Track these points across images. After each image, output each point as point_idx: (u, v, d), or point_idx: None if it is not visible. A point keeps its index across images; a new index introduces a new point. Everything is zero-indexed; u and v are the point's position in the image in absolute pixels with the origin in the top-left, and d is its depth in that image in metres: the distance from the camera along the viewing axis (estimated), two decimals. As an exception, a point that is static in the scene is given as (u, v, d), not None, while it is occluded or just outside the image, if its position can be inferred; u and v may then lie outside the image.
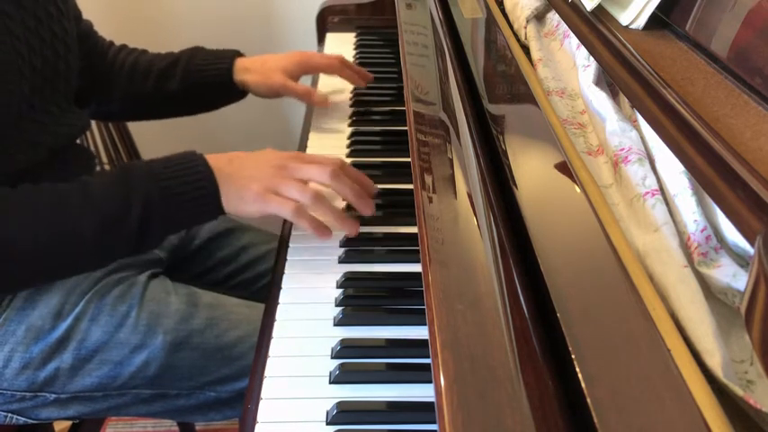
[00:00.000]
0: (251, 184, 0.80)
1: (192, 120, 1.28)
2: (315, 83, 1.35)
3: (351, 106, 1.24)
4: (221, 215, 0.81)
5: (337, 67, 1.20)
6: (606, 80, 0.69)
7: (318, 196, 0.81)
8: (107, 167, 1.70)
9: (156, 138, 1.82)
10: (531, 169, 0.62)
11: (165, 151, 0.92)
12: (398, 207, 0.94)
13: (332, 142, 1.12)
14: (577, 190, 0.53)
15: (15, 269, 0.77)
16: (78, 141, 1.04)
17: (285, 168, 0.82)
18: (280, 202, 0.80)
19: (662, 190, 0.53)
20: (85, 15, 1.12)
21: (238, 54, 1.16)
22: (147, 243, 0.80)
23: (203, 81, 1.13)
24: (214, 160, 0.82)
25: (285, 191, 0.80)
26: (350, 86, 1.30)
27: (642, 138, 0.59)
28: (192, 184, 0.79)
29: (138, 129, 1.68)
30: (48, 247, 0.75)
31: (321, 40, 1.58)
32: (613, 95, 0.67)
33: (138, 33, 1.88)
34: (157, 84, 1.13)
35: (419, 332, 0.72)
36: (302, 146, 1.13)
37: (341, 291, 0.78)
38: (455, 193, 0.67)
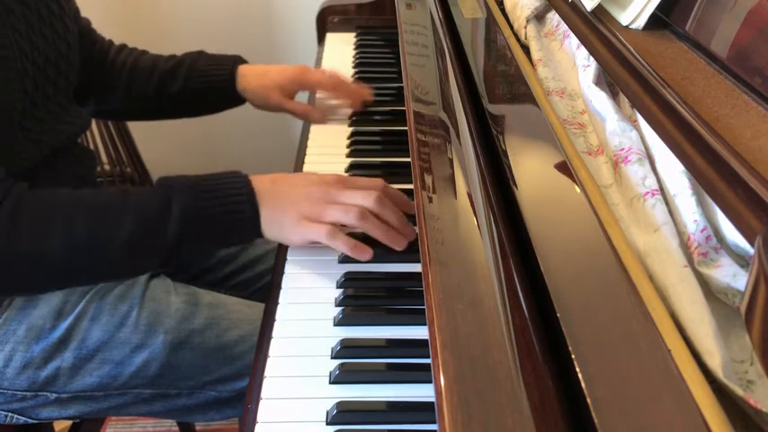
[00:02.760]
0: (291, 211, 0.78)
1: (192, 120, 1.28)
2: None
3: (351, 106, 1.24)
4: (260, 237, 0.79)
5: (330, 86, 1.19)
6: (606, 80, 0.69)
7: (363, 214, 0.78)
8: (107, 167, 1.70)
9: (156, 138, 1.82)
10: (531, 169, 0.62)
11: (165, 151, 0.92)
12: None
13: (332, 142, 1.12)
14: (577, 190, 0.53)
15: (53, 271, 0.75)
16: (79, 141, 1.04)
17: (328, 194, 0.79)
18: (316, 229, 0.78)
19: (662, 190, 0.53)
20: (86, 13, 1.12)
21: (241, 60, 1.16)
22: (181, 260, 0.78)
23: (206, 85, 1.14)
24: (257, 182, 0.79)
25: (326, 216, 0.78)
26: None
27: (642, 138, 0.59)
28: (232, 207, 0.77)
29: (138, 129, 1.68)
30: (81, 250, 0.74)
31: (321, 40, 1.58)
32: (613, 95, 0.67)
33: (139, 34, 1.88)
34: (159, 85, 1.14)
35: (419, 332, 0.72)
36: (302, 145, 1.13)
37: (341, 291, 0.78)
38: (455, 193, 0.67)
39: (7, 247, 0.72)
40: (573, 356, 0.41)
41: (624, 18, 0.67)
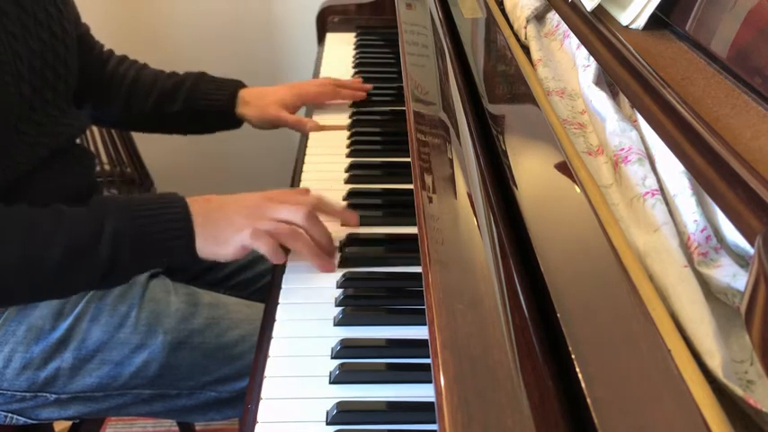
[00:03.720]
0: (225, 229, 0.79)
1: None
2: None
3: (351, 106, 1.24)
4: (194, 256, 0.79)
5: (330, 93, 1.21)
6: (606, 80, 0.69)
7: (294, 233, 0.79)
8: (107, 167, 1.70)
9: (156, 138, 1.82)
10: (531, 169, 0.62)
11: (165, 151, 0.93)
12: (398, 207, 0.94)
13: (332, 142, 1.12)
14: (577, 190, 0.53)
15: None
16: (78, 141, 1.04)
17: (260, 210, 0.80)
18: (242, 232, 0.78)
19: (662, 190, 0.53)
20: (86, 19, 1.11)
21: (241, 85, 1.17)
22: (114, 277, 0.78)
23: (205, 108, 1.15)
24: (192, 203, 0.80)
25: (260, 228, 0.79)
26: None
27: (642, 138, 0.59)
28: (167, 225, 0.77)
29: (138, 129, 1.68)
30: (12, 268, 0.73)
31: (321, 40, 1.58)
32: (613, 95, 0.67)
33: (138, 35, 1.88)
34: (158, 103, 1.14)
35: (419, 332, 0.72)
36: (302, 145, 1.13)
37: (341, 291, 0.78)
38: (455, 193, 0.67)
39: None
40: (573, 356, 0.41)
41: (624, 18, 0.67)
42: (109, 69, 1.14)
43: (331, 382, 0.67)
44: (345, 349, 0.70)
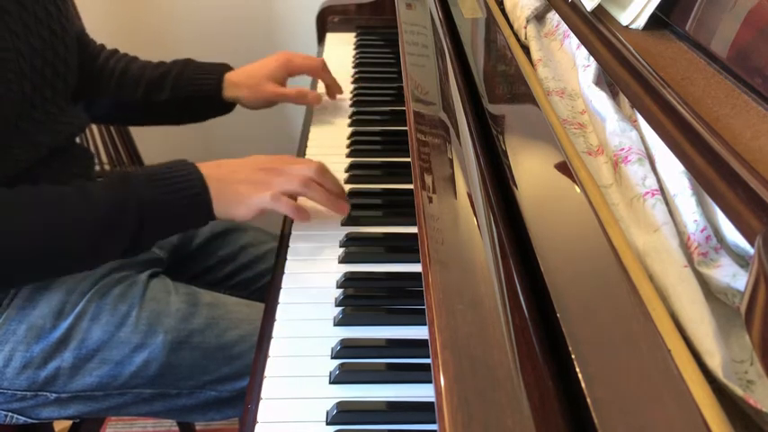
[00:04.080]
0: (238, 187, 0.83)
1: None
2: (314, 85, 1.35)
3: (351, 106, 1.24)
4: (212, 219, 0.84)
5: (317, 69, 1.21)
6: (606, 80, 0.69)
7: (307, 181, 0.84)
8: (107, 167, 1.70)
9: (156, 138, 1.82)
10: (531, 169, 0.62)
11: (165, 151, 0.93)
12: (398, 207, 0.94)
13: (332, 142, 1.12)
14: (577, 190, 0.53)
15: (11, 266, 0.78)
16: (78, 141, 1.04)
17: (272, 168, 0.85)
18: (261, 195, 0.83)
19: (662, 190, 0.53)
20: (86, 18, 1.12)
21: (227, 68, 1.16)
22: (140, 245, 0.82)
23: (192, 95, 1.14)
24: (204, 167, 0.84)
25: (271, 186, 0.83)
26: (350, 86, 1.30)
27: (642, 138, 0.59)
28: (185, 189, 0.81)
29: (137, 129, 1.68)
30: (45, 244, 0.77)
31: (321, 40, 1.58)
32: (613, 95, 0.67)
33: (138, 35, 1.88)
34: (147, 93, 1.14)
35: (419, 332, 0.72)
36: (302, 146, 1.13)
37: (341, 291, 0.78)
38: (455, 193, 0.67)
39: None
40: (573, 356, 0.41)
41: (624, 18, 0.67)
42: (99, 63, 1.14)
43: (331, 382, 0.67)
44: (345, 349, 0.70)
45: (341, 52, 1.48)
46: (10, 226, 0.76)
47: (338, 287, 0.80)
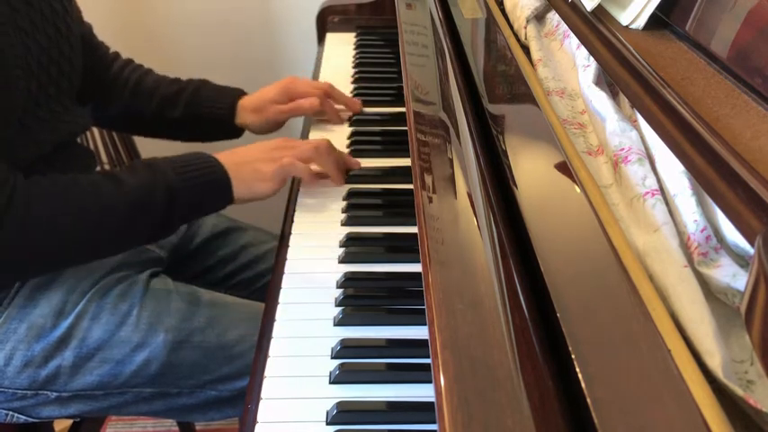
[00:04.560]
0: (256, 164, 0.90)
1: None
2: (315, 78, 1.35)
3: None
4: (231, 202, 0.90)
5: (317, 95, 1.16)
6: (606, 80, 0.69)
7: (318, 149, 0.95)
8: (107, 167, 1.70)
9: (156, 139, 1.81)
10: (531, 169, 0.62)
11: (165, 151, 0.93)
12: (398, 207, 0.94)
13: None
14: (577, 190, 0.53)
15: (52, 251, 0.81)
16: (79, 141, 1.04)
17: (282, 146, 0.94)
18: (275, 166, 0.90)
19: (662, 190, 0.53)
20: (86, 18, 1.11)
21: (241, 93, 1.16)
22: (168, 227, 0.87)
23: (205, 116, 1.14)
24: (219, 155, 0.91)
25: (284, 160, 0.91)
26: (350, 86, 1.30)
27: (642, 138, 0.59)
28: (208, 174, 0.88)
29: (138, 128, 1.68)
30: (81, 229, 0.81)
31: (321, 40, 1.58)
32: (613, 95, 0.67)
33: (137, 36, 1.88)
34: (159, 109, 1.14)
35: (419, 332, 0.72)
36: (302, 145, 1.13)
37: (341, 291, 0.78)
38: (455, 193, 0.67)
39: (22, 234, 0.77)
40: (573, 356, 0.41)
41: (624, 18, 0.67)
42: (113, 71, 1.14)
43: (331, 382, 0.67)
44: (345, 349, 0.70)
45: (341, 52, 1.48)
46: (48, 209, 0.79)
47: (338, 287, 0.80)
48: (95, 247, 0.85)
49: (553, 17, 0.87)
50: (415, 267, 0.81)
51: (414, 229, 0.71)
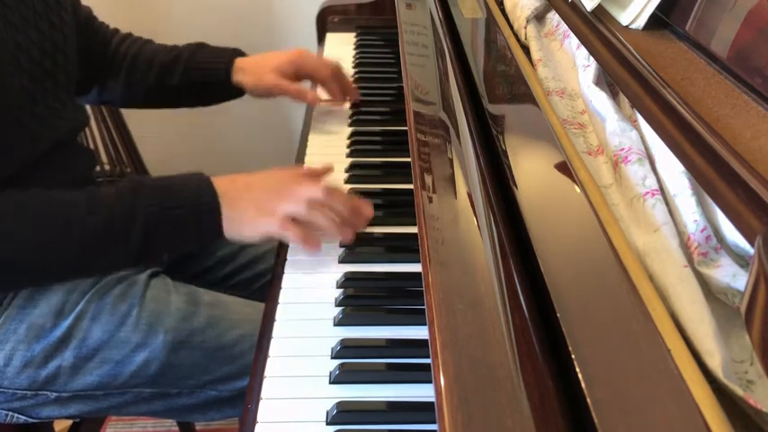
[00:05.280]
0: (249, 209, 0.81)
1: (192, 120, 1.28)
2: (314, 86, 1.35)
3: (351, 107, 1.24)
4: (221, 237, 0.82)
5: (325, 77, 1.18)
6: (606, 80, 0.69)
7: (313, 204, 0.81)
8: (107, 167, 1.70)
9: (156, 138, 1.82)
10: (531, 169, 0.62)
11: (165, 151, 0.93)
12: (398, 207, 0.94)
13: (332, 142, 1.12)
14: (577, 190, 0.53)
15: (16, 267, 0.78)
16: (78, 140, 1.04)
17: (282, 189, 0.83)
18: (269, 221, 0.80)
19: (662, 190, 0.53)
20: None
21: (239, 53, 1.16)
22: (146, 257, 0.81)
23: (202, 79, 1.14)
24: (218, 183, 0.82)
25: (279, 210, 0.81)
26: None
27: (642, 138, 0.59)
28: (195, 206, 0.80)
29: (137, 129, 1.68)
30: (50, 248, 0.76)
31: (321, 40, 1.58)
32: (613, 95, 0.67)
33: (137, 33, 1.88)
34: (158, 77, 1.14)
35: (419, 332, 0.72)
36: (302, 145, 1.13)
37: (341, 291, 0.78)
38: (455, 193, 0.67)
39: None
40: (573, 356, 0.41)
41: (624, 18, 0.67)
42: (112, 47, 1.14)
43: (331, 382, 0.67)
44: (345, 349, 0.70)
45: (341, 52, 1.48)
46: (17, 223, 0.76)
47: (338, 287, 0.80)
48: (58, 271, 0.80)
49: (553, 17, 0.87)
50: (415, 267, 0.81)
51: (414, 229, 0.71)
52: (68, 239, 0.77)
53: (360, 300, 0.77)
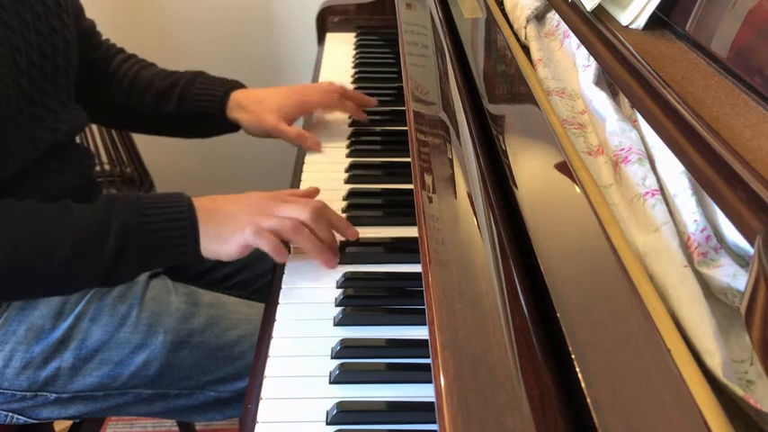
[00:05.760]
0: (228, 226, 0.78)
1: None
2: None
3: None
4: (199, 256, 0.79)
5: (335, 102, 1.13)
6: (606, 80, 0.69)
7: (297, 226, 0.79)
8: (107, 167, 1.70)
9: (156, 138, 1.82)
10: (531, 169, 0.62)
11: (165, 151, 0.93)
12: (398, 207, 0.94)
13: (332, 142, 1.12)
14: (577, 190, 0.53)
15: None
16: (78, 141, 1.04)
17: (264, 207, 0.80)
18: (244, 230, 0.78)
19: (662, 190, 0.53)
20: (87, 16, 1.11)
21: (236, 86, 1.11)
22: (119, 274, 0.78)
23: (196, 110, 1.10)
24: (197, 202, 0.80)
25: (260, 224, 0.78)
26: (350, 86, 1.30)
27: (642, 138, 0.59)
28: (172, 224, 0.78)
29: (138, 128, 1.68)
30: (20, 262, 0.74)
31: (321, 40, 1.58)
32: (613, 95, 0.67)
33: (137, 36, 1.88)
34: (154, 104, 1.10)
35: (419, 332, 0.72)
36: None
37: (341, 291, 0.78)
38: (455, 193, 0.67)
39: None
40: (573, 356, 0.41)
41: (624, 18, 0.67)
42: (112, 67, 1.12)
43: (331, 382, 0.67)
44: (345, 349, 0.70)
45: (341, 52, 1.48)
46: None
47: (338, 287, 0.80)
48: (27, 283, 0.77)
49: (553, 17, 0.87)
50: (415, 267, 0.81)
51: (414, 230, 0.71)
52: (44, 254, 0.74)
53: (360, 300, 0.77)
